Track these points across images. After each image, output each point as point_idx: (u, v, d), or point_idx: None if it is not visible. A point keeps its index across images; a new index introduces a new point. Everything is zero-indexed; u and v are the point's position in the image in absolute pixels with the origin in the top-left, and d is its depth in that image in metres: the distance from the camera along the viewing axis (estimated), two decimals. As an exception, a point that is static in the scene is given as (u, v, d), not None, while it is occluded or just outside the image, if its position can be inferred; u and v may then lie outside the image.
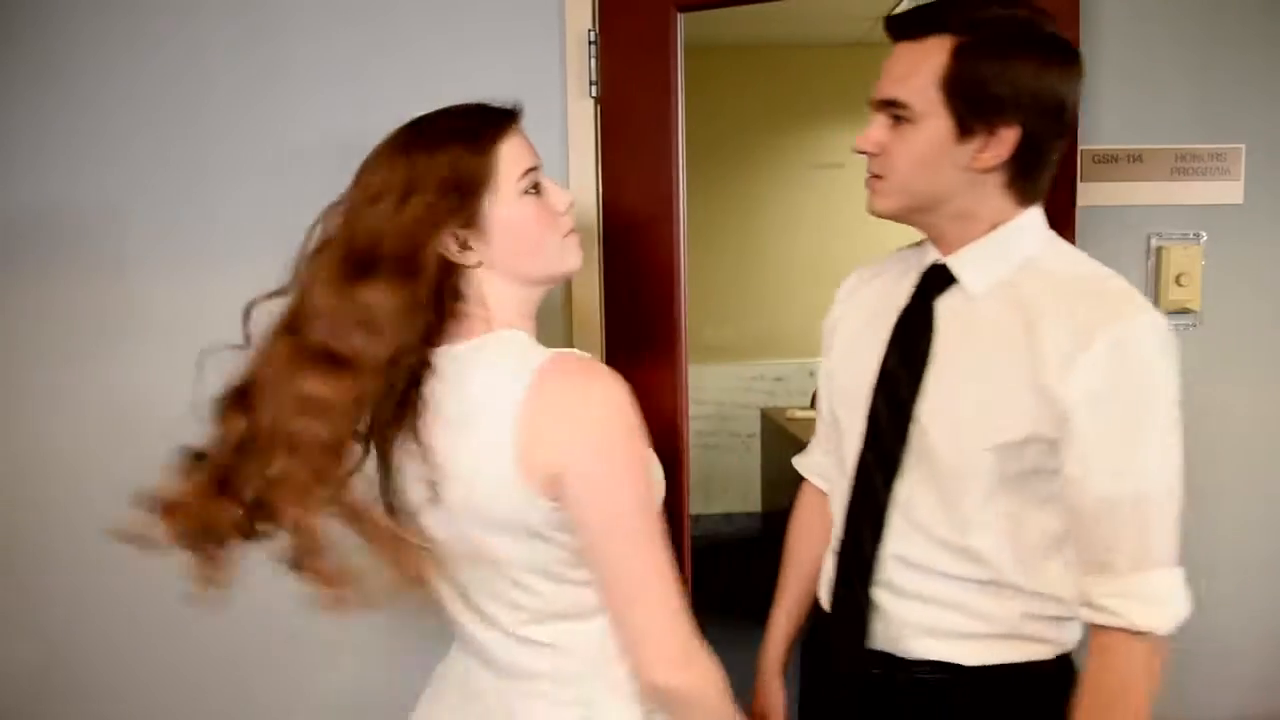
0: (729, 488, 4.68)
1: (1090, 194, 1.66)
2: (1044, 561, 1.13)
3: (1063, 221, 1.58)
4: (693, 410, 1.33)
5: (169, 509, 1.14)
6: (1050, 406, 1.06)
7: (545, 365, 1.05)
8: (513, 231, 1.10)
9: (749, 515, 4.62)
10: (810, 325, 1.33)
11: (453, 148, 1.08)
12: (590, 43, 1.70)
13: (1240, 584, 1.74)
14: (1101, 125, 1.67)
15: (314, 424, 1.06)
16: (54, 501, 1.81)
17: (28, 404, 1.81)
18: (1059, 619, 1.15)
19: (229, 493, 1.11)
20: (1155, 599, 1.06)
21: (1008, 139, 1.07)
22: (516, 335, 1.11)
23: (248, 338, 1.17)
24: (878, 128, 1.13)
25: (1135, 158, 1.68)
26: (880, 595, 1.19)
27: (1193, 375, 1.71)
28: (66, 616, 1.83)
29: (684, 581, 1.78)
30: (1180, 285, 1.68)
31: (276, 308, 1.18)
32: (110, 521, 1.81)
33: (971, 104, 1.06)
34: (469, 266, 1.10)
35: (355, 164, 1.71)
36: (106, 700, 1.85)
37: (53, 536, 1.82)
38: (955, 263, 1.16)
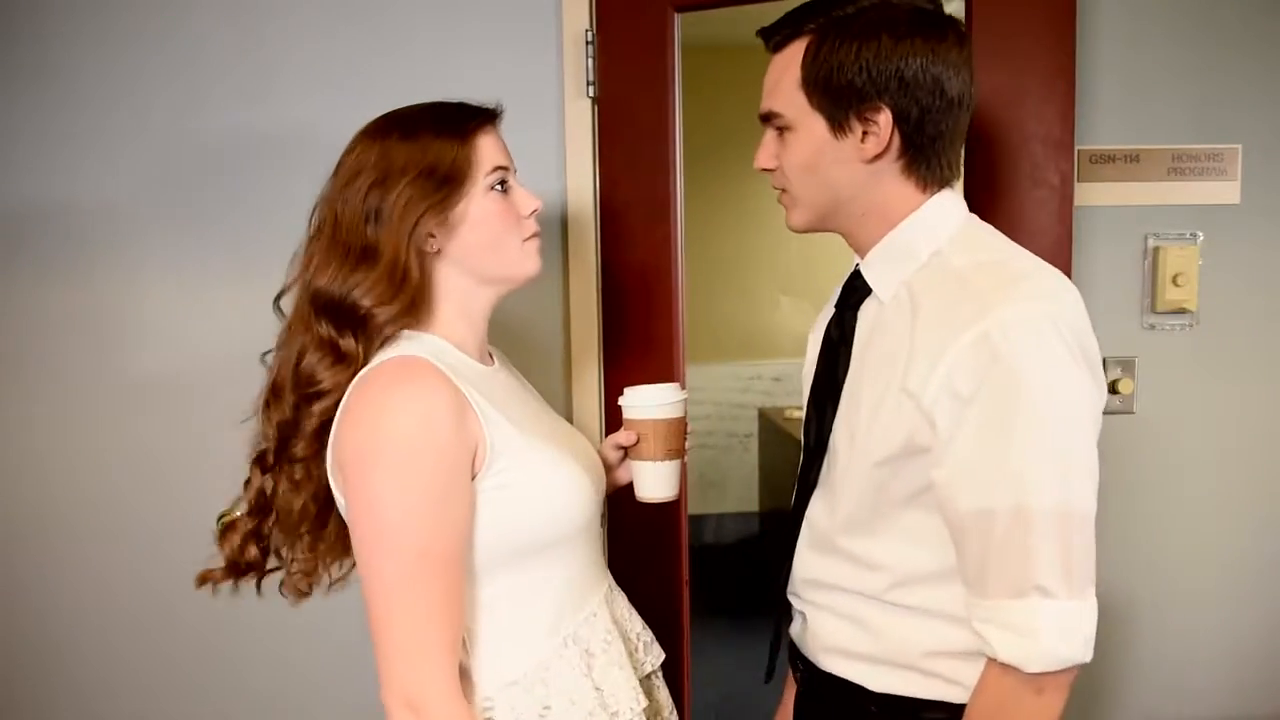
0: (727, 488, 4.68)
1: (1087, 194, 1.67)
2: (944, 587, 1.04)
3: (1060, 222, 1.59)
4: (690, 410, 1.31)
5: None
6: (921, 415, 0.99)
7: (370, 369, 1.05)
8: (472, 225, 1.10)
9: (747, 515, 4.62)
10: (807, 325, 1.32)
11: (432, 136, 1.09)
12: (588, 43, 1.70)
13: (1240, 583, 1.74)
14: (1098, 125, 1.67)
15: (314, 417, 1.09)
16: (53, 502, 1.81)
17: (26, 403, 1.80)
18: (968, 655, 1.03)
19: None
20: (1024, 630, 0.94)
21: (883, 123, 1.03)
22: (410, 337, 1.10)
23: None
24: (767, 143, 1.12)
25: (1132, 158, 1.68)
26: (798, 604, 1.19)
27: (1189, 375, 1.73)
28: (67, 616, 1.83)
29: (682, 582, 1.79)
30: (1177, 285, 1.68)
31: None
32: (107, 522, 1.82)
33: (834, 97, 1.03)
34: (428, 252, 1.11)
35: (353, 164, 1.72)
36: (105, 699, 1.85)
37: (52, 537, 1.82)
38: (865, 268, 1.11)
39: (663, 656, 1.29)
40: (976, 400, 0.95)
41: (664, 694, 1.28)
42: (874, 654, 1.09)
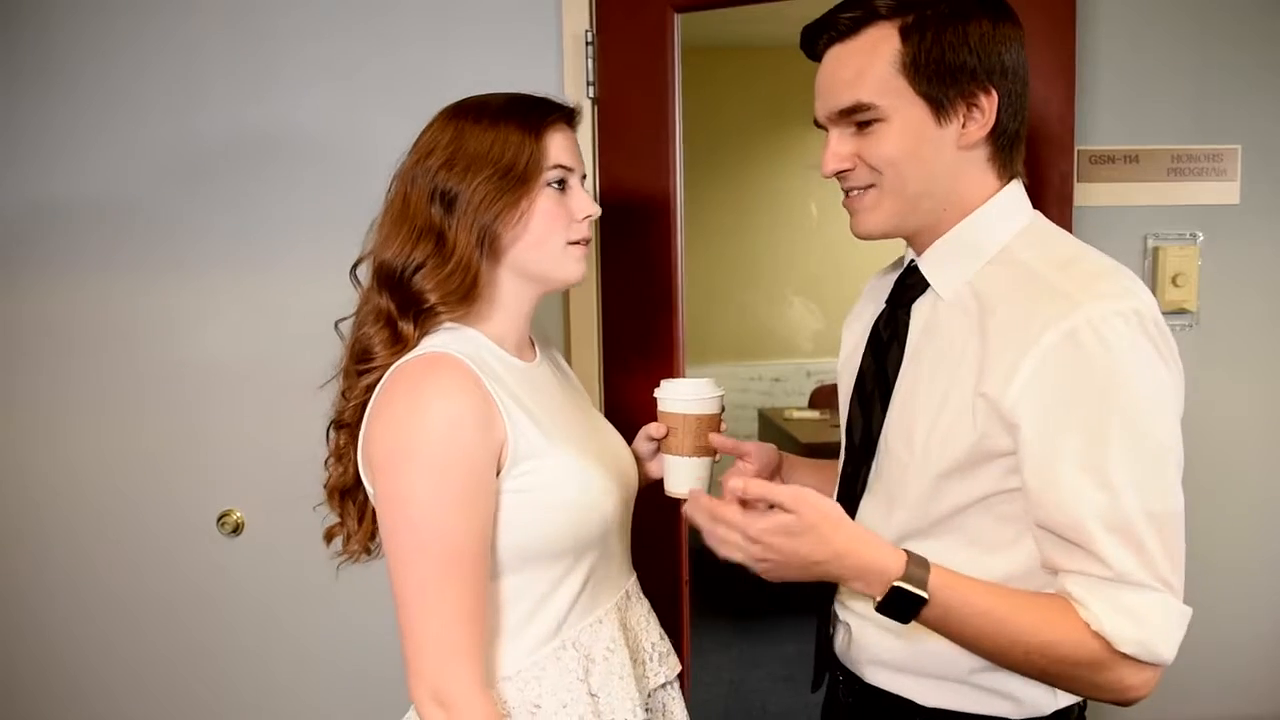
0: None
1: (1087, 194, 1.67)
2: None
3: (1059, 222, 1.58)
4: None
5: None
6: (998, 419, 0.94)
7: (403, 363, 1.07)
8: (524, 220, 1.10)
9: (746, 516, 4.62)
10: (807, 325, 1.31)
11: (507, 125, 1.09)
12: (587, 43, 1.70)
13: (1240, 584, 1.74)
14: (1098, 126, 1.67)
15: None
16: (50, 500, 1.82)
17: (27, 404, 1.80)
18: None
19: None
20: (1130, 612, 0.91)
21: (988, 105, 0.99)
22: (451, 329, 1.11)
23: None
24: (841, 142, 1.03)
25: (1132, 158, 1.68)
26: (843, 614, 1.14)
27: (1189, 375, 1.72)
28: (67, 616, 1.83)
29: (683, 582, 1.79)
30: (1177, 286, 1.68)
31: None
32: (107, 522, 1.82)
33: (942, 79, 0.98)
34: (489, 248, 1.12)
35: (353, 163, 1.73)
36: (104, 699, 1.85)
37: (52, 537, 1.82)
38: (925, 263, 1.06)
39: (679, 668, 1.27)
40: (1068, 402, 0.91)
41: (679, 705, 1.27)
42: (924, 668, 1.05)
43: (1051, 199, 1.58)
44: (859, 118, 1.01)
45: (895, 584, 0.91)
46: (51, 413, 1.80)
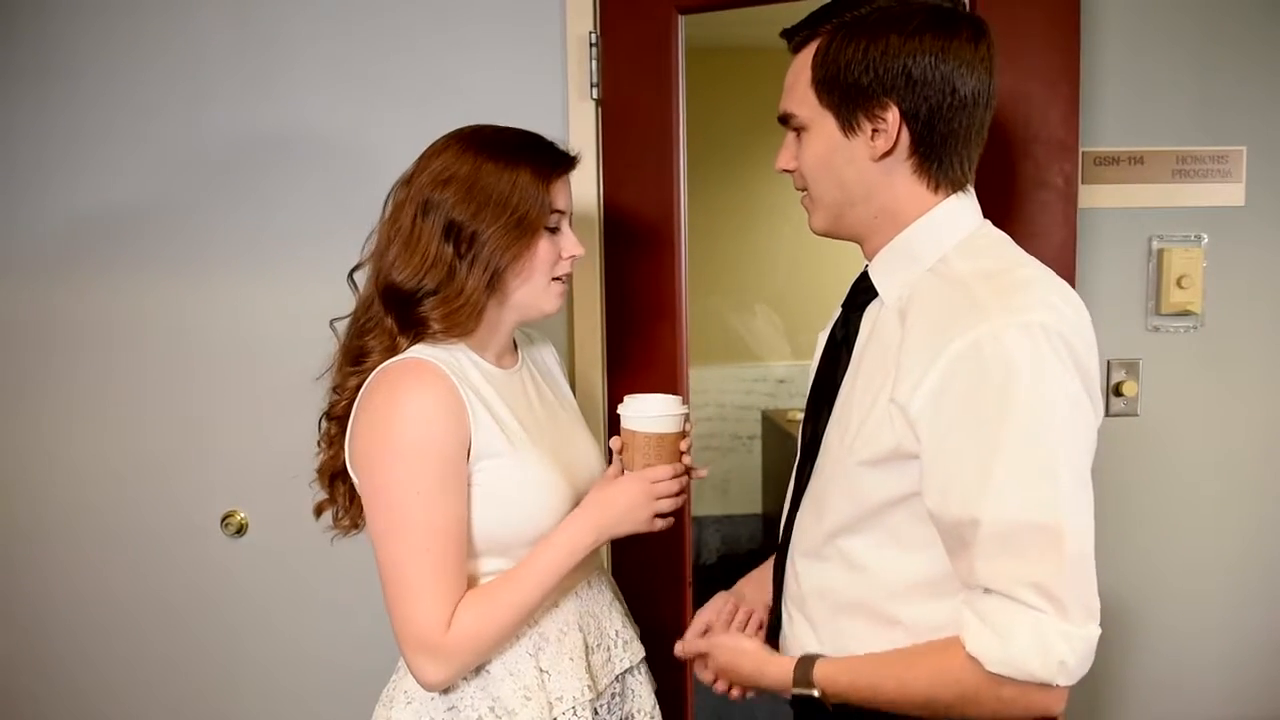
0: (730, 490, 4.68)
1: (1091, 196, 1.66)
2: (924, 603, 1.03)
3: (1064, 224, 1.58)
4: (694, 412, 1.30)
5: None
6: (907, 424, 0.98)
7: (386, 366, 1.16)
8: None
9: (750, 517, 4.62)
10: (812, 327, 1.32)
11: (524, 172, 1.17)
12: (591, 45, 1.70)
13: (1242, 585, 1.74)
14: (1103, 127, 1.67)
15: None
16: (53, 502, 1.82)
17: (32, 405, 1.81)
18: None
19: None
20: (999, 628, 0.92)
21: (890, 121, 1.02)
22: (434, 340, 1.19)
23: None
24: (787, 144, 1.12)
25: (1136, 159, 1.68)
26: (786, 609, 1.18)
27: (1193, 377, 1.73)
28: (69, 617, 1.83)
29: (686, 583, 1.79)
30: (1181, 287, 1.67)
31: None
32: (111, 522, 1.82)
33: (843, 96, 1.03)
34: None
35: (358, 165, 1.73)
36: (107, 701, 1.85)
37: (55, 537, 1.82)
38: (873, 271, 1.11)
39: (642, 654, 1.34)
40: (963, 411, 0.94)
41: (645, 689, 1.34)
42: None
43: (1056, 201, 1.58)
44: (791, 125, 1.10)
45: (793, 692, 1.07)
46: (55, 413, 1.81)
